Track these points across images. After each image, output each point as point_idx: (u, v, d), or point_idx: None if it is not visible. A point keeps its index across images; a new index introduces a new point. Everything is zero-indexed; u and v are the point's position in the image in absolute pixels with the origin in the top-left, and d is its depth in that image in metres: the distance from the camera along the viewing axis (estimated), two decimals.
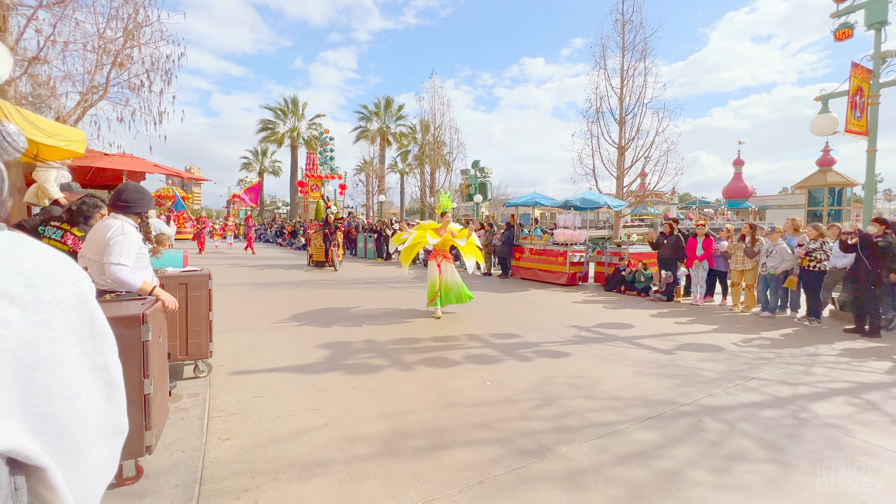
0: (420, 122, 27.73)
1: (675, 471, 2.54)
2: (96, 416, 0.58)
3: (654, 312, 7.38)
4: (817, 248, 6.58)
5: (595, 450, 2.76)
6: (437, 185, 27.49)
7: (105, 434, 0.60)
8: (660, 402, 3.55)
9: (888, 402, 3.62)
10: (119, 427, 0.63)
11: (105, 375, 0.60)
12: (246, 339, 5.25)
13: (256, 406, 3.36)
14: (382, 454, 2.68)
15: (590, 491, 2.33)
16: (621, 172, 15.68)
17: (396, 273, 12.70)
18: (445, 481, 2.40)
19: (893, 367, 4.59)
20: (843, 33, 7.87)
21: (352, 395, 3.61)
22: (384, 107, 34.91)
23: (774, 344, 5.47)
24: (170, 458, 2.60)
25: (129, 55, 7.47)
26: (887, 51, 7.45)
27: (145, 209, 2.91)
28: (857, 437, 3.01)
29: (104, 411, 0.59)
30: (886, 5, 7.32)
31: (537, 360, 4.60)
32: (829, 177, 11.90)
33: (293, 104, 36.20)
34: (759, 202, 34.78)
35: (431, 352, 4.85)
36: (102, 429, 0.59)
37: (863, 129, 7.63)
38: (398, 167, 37.12)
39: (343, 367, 4.28)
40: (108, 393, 0.60)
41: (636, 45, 15.33)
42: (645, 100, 15.36)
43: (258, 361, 4.41)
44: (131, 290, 2.67)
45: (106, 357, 0.61)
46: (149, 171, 8.98)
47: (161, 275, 3.69)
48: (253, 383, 3.83)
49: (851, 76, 7.52)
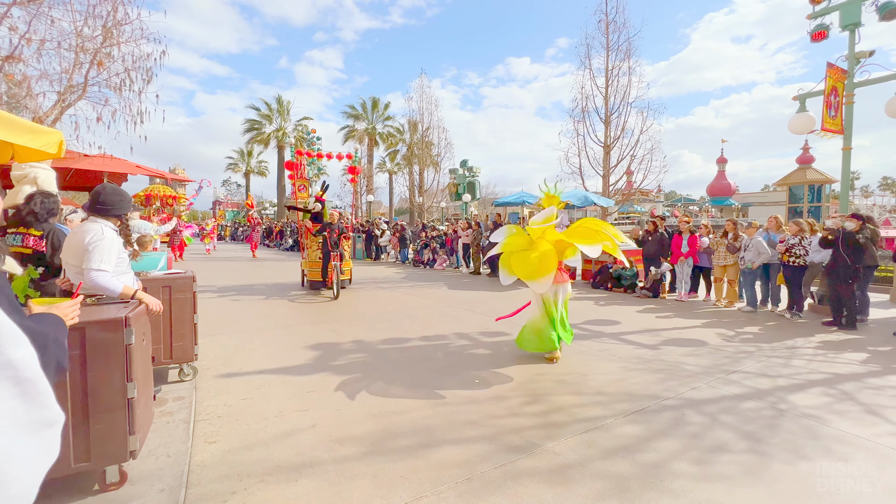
0: (408, 121, 27.76)
1: (659, 463, 2.60)
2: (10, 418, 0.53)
3: (640, 309, 7.50)
4: (797, 244, 6.76)
5: (581, 444, 2.81)
6: (425, 185, 27.50)
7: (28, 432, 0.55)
8: (644, 396, 3.62)
9: (862, 393, 3.74)
10: (46, 420, 0.58)
11: (10, 373, 0.54)
12: (233, 341, 5.19)
13: (243, 409, 3.33)
14: (371, 454, 2.69)
15: (576, 485, 2.37)
16: (607, 171, 15.89)
17: (385, 273, 12.68)
18: (434, 479, 2.42)
19: (868, 359, 4.75)
20: (819, 34, 8.09)
21: (340, 395, 3.61)
22: (371, 107, 34.78)
23: (756, 338, 5.61)
24: (155, 462, 2.57)
25: (109, 54, 7.33)
26: (861, 51, 7.67)
27: (125, 211, 2.85)
28: (833, 426, 3.11)
29: (20, 411, 0.55)
30: (860, 7, 7.54)
31: (526, 358, 4.64)
32: (809, 174, 12.22)
33: (279, 104, 35.83)
34: (741, 199, 35.49)
35: (420, 351, 4.86)
36: (22, 429, 0.55)
37: (838, 127, 7.85)
38: (386, 167, 37.01)
39: (331, 368, 4.27)
40: (19, 391, 0.55)
41: (620, 45, 15.56)
42: (629, 99, 15.61)
43: (245, 364, 4.37)
44: (112, 295, 2.62)
45: (6, 353, 0.55)
46: (131, 171, 8.82)
47: (144, 278, 3.64)
48: (240, 386, 3.80)
49: (827, 76, 7.73)
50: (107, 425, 2.22)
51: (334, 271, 8.04)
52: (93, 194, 2.74)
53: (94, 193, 2.74)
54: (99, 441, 2.21)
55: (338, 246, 8.35)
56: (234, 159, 42.54)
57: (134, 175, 9.64)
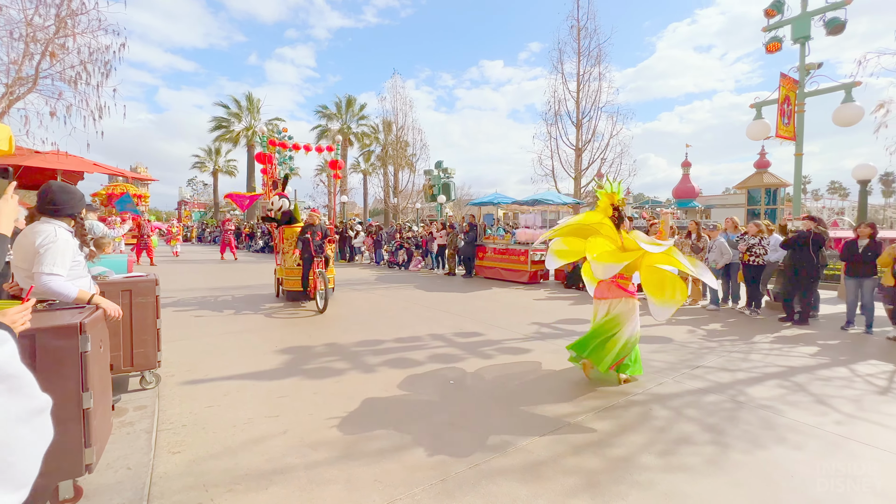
0: (382, 121, 27.52)
1: (627, 457, 2.68)
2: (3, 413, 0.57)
3: None
4: (756, 244, 7.12)
5: (553, 441, 2.86)
6: (400, 186, 27.35)
7: (23, 423, 0.60)
8: (614, 392, 3.73)
9: (813, 384, 3.98)
10: (35, 408, 0.63)
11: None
12: (199, 346, 5.01)
13: (210, 416, 3.22)
14: (344, 458, 2.65)
15: (548, 481, 2.41)
16: (579, 173, 16.27)
17: (360, 275, 12.54)
18: (408, 481, 2.41)
19: (818, 352, 5.05)
20: (772, 46, 8.57)
21: (313, 400, 3.54)
22: (345, 106, 34.28)
23: (718, 334, 5.87)
24: (114, 475, 2.44)
25: (63, 45, 6.94)
26: (810, 63, 8.17)
27: (77, 210, 2.69)
28: (787, 416, 3.29)
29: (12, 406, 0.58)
30: (809, 22, 8.03)
31: (500, 358, 4.69)
32: (766, 178, 12.87)
33: (249, 101, 34.82)
34: (704, 202, 37.11)
35: (394, 353, 4.83)
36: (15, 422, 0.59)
37: (791, 134, 8.33)
38: (360, 167, 36.58)
39: (303, 373, 4.18)
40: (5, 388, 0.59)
41: (591, 51, 15.98)
42: (600, 104, 16.04)
43: (212, 370, 4.22)
44: (66, 300, 2.48)
45: None
46: (87, 170, 8.36)
47: (102, 281, 3.46)
48: (206, 393, 3.66)
49: (780, 86, 8.19)
50: (60, 438, 2.08)
51: (319, 279, 7.04)
52: (39, 194, 2.58)
53: (40, 193, 2.58)
54: (51, 455, 2.06)
55: (322, 250, 7.40)
56: (200, 158, 40.99)
57: (91, 173, 9.13)
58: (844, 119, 7.77)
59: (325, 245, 7.47)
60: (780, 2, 8.52)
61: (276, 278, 8.56)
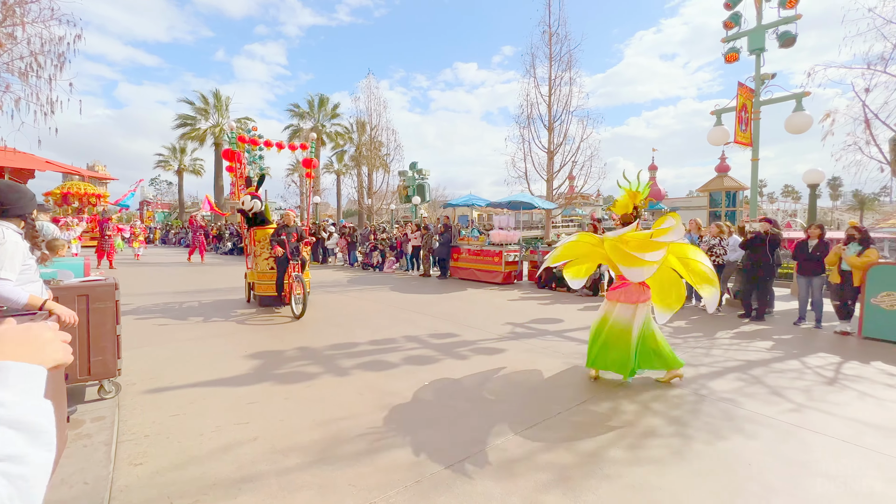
0: (356, 121, 27.20)
1: (597, 451, 2.76)
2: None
3: (581, 307, 7.91)
4: (717, 244, 7.47)
5: (527, 439, 2.91)
6: (374, 187, 27.12)
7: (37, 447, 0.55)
8: (585, 389, 3.83)
9: (768, 376, 4.22)
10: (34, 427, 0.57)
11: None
12: (163, 353, 4.81)
13: (175, 425, 3.10)
14: (317, 462, 2.60)
15: (521, 478, 2.45)
16: (551, 175, 16.59)
17: (333, 277, 12.35)
18: (383, 484, 2.39)
19: (773, 346, 5.35)
20: (731, 56, 9.02)
21: (285, 405, 3.46)
22: (318, 105, 33.70)
23: (682, 331, 6.12)
24: (69, 491, 2.31)
25: (11, 34, 6.52)
26: (765, 73, 8.65)
27: (27, 210, 2.54)
28: (745, 407, 3.47)
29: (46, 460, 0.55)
30: (763, 35, 8.50)
31: (474, 358, 4.73)
32: (726, 182, 13.52)
33: (217, 99, 33.65)
34: (670, 204, 38.62)
35: (369, 355, 4.79)
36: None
37: (748, 140, 8.79)
38: (334, 167, 36.04)
39: (275, 377, 4.08)
40: None
41: (562, 57, 16.34)
42: (571, 108, 16.42)
43: (178, 377, 4.06)
44: (15, 306, 2.33)
45: None
46: (38, 167, 7.87)
47: (56, 286, 3.27)
48: (171, 401, 3.52)
49: (738, 94, 8.63)
50: None
51: (296, 283, 6.67)
52: None
53: None
54: None
55: (298, 252, 7.04)
56: (164, 156, 39.29)
57: (42, 171, 8.61)
58: (795, 127, 8.27)
59: (300, 247, 7.16)
60: (738, 15, 8.99)
61: (246, 283, 8.11)
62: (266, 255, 7.42)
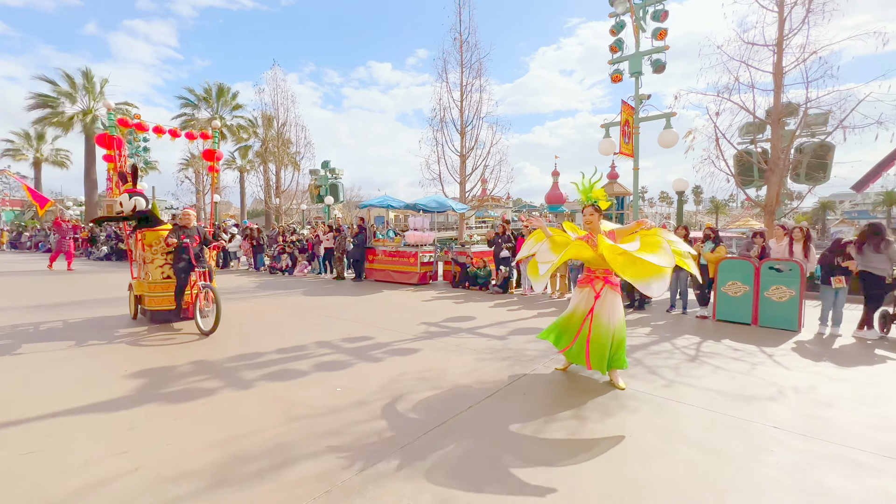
0: (262, 115, 25.31)
1: (504, 437, 2.92)
2: None
3: (492, 304, 8.30)
4: None
5: (439, 437, 2.97)
6: (283, 186, 25.51)
7: None
8: (494, 382, 4.03)
9: (647, 358, 4.84)
10: None
11: None
12: (10, 378, 3.99)
13: (28, 465, 2.60)
14: (214, 487, 2.38)
15: (432, 473, 2.50)
16: (463, 178, 17.16)
17: (236, 282, 11.36)
18: (291, 499, 2.27)
19: (650, 332, 6.16)
20: (615, 77, 10.19)
21: (173, 427, 3.10)
22: (217, 94, 30.62)
23: None
24: None
25: None
26: (643, 94, 9.93)
27: None
28: (630, 387, 3.94)
29: None
30: (640, 61, 9.76)
31: (388, 360, 4.70)
32: (615, 188, 15.21)
33: (87, 79, 28.71)
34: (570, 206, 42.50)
35: (276, 365, 4.50)
36: None
37: (630, 151, 10.00)
38: (237, 164, 33.11)
39: (162, 397, 3.63)
40: None
41: (473, 64, 16.98)
42: (481, 114, 17.14)
43: (30, 407, 3.40)
44: None
45: None
46: None
47: None
48: (21, 437, 2.94)
49: (622, 111, 9.78)
50: None
51: (204, 294, 5.86)
52: None
53: None
54: None
55: (203, 259, 6.26)
56: (15, 144, 32.54)
57: None
58: (665, 142, 9.63)
59: (204, 252, 6.32)
60: (621, 41, 10.20)
61: (132, 295, 6.75)
62: (160, 262, 6.35)
